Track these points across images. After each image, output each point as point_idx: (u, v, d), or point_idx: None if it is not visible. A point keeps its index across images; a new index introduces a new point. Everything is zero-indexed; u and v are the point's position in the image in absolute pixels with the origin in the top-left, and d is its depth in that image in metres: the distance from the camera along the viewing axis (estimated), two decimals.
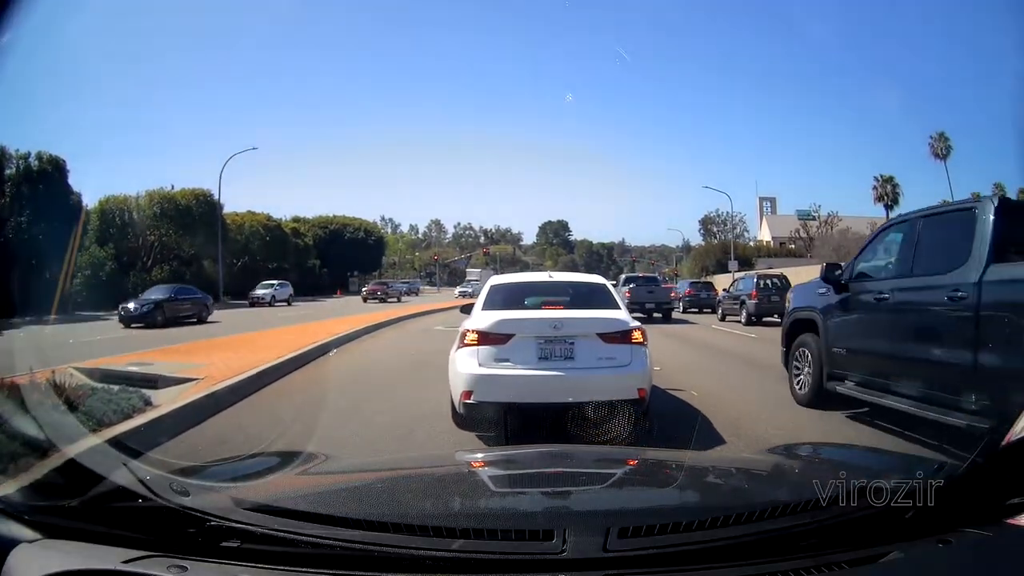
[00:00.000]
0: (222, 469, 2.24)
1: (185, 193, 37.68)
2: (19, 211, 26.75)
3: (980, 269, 4.29)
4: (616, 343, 4.91)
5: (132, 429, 4.66)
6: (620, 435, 4.50)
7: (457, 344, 5.10)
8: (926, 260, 5.06)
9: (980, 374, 4.20)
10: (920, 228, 5.27)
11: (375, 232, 71.19)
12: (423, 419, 5.73)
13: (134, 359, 8.57)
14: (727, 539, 1.36)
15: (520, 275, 8.34)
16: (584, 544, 1.32)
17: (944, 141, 55.95)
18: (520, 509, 1.78)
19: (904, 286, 5.19)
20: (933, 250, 5.04)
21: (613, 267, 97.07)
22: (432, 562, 1.28)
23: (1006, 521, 1.42)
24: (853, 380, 5.69)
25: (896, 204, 55.86)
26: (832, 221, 59.63)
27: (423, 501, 1.78)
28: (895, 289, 5.29)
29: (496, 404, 4.76)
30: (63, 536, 1.37)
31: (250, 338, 12.54)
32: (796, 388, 6.61)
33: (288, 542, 1.32)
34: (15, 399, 3.15)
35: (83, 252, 29.85)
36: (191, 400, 5.83)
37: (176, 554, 1.31)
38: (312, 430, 5.35)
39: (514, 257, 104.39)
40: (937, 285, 4.69)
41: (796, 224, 63.29)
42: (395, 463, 3.00)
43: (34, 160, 28.48)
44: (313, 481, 1.99)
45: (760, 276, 21.31)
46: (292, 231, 52.27)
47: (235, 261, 41.42)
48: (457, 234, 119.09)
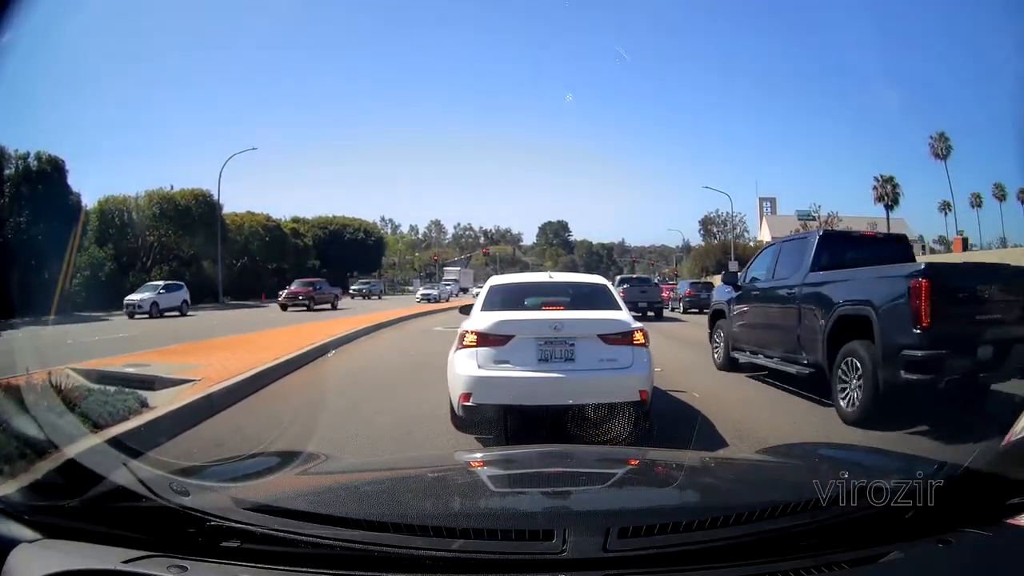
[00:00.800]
0: (222, 469, 2.24)
1: (184, 193, 37.69)
2: (18, 211, 26.75)
3: (804, 275, 6.93)
4: (617, 344, 4.89)
5: (127, 431, 4.64)
6: (620, 436, 4.50)
7: (456, 345, 5.08)
8: (781, 269, 7.65)
9: (802, 340, 6.82)
10: (781, 248, 8.09)
11: (375, 232, 71.18)
12: (422, 420, 5.73)
13: (131, 360, 8.56)
14: (727, 539, 1.36)
15: (520, 275, 8.33)
16: (584, 544, 1.31)
17: (944, 141, 56.05)
18: (520, 509, 1.78)
19: (769, 286, 7.86)
20: (786, 263, 7.61)
21: (613, 267, 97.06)
22: (432, 562, 1.28)
23: (1006, 521, 1.42)
24: (746, 349, 8.31)
25: (896, 204, 56.02)
26: (832, 221, 59.60)
27: (423, 501, 1.78)
28: (764, 288, 7.98)
29: (495, 406, 4.74)
30: (63, 536, 1.37)
31: (249, 339, 12.53)
32: (715, 358, 9.34)
33: (288, 542, 1.32)
34: (15, 399, 3.14)
35: (82, 252, 29.85)
36: (188, 401, 5.82)
37: (176, 554, 1.31)
38: (311, 431, 5.34)
39: (514, 257, 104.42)
40: (784, 285, 7.37)
41: (796, 224, 63.17)
42: (395, 463, 3.00)
43: (33, 160, 28.49)
44: (313, 481, 1.99)
45: None
46: (292, 231, 52.29)
47: (235, 262, 41.41)
48: (457, 234, 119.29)
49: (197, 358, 8.90)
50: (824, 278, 6.69)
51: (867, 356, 5.64)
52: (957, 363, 5.30)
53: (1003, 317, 5.59)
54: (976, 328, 5.48)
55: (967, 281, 5.83)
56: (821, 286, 6.63)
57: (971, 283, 5.75)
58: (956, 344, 5.30)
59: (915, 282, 5.33)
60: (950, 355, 5.25)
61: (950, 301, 5.43)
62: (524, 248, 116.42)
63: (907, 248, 7.80)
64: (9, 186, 27.32)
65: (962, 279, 5.91)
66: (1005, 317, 5.60)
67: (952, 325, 5.35)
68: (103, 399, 5.08)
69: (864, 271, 6.37)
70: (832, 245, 7.25)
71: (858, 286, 6.17)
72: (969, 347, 5.36)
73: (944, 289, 5.40)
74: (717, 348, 9.28)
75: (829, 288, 6.52)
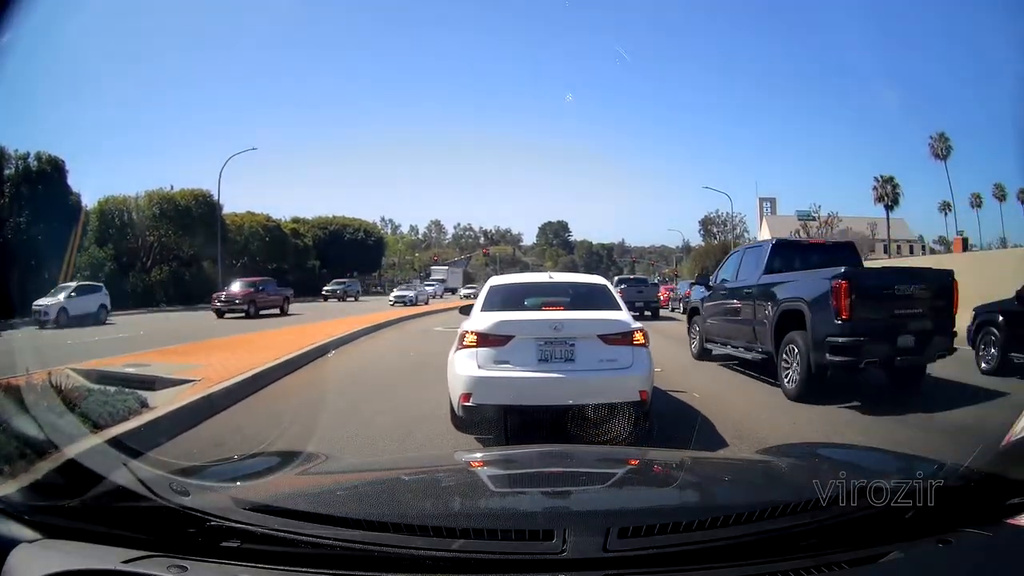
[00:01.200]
0: (222, 469, 2.24)
1: (184, 193, 37.67)
2: (18, 211, 26.75)
3: (759, 277, 8.17)
4: (617, 344, 4.89)
5: (127, 431, 4.64)
6: (620, 436, 4.50)
7: (456, 346, 5.08)
8: (743, 272, 8.91)
9: (756, 332, 8.05)
10: (744, 253, 9.45)
11: (375, 233, 71.15)
12: (422, 420, 5.73)
13: (131, 360, 8.56)
14: (727, 539, 1.36)
15: (520, 276, 8.33)
16: (584, 544, 1.31)
17: (944, 141, 56.07)
18: (520, 509, 1.78)
19: (733, 286, 9.07)
20: (747, 266, 8.87)
21: (613, 268, 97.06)
22: (432, 562, 1.28)
23: (1006, 521, 1.42)
24: (716, 341, 9.52)
25: (896, 204, 56.04)
26: (832, 221, 59.58)
27: (423, 501, 1.78)
28: (729, 288, 9.18)
29: (495, 406, 4.74)
30: (63, 536, 1.37)
31: (248, 339, 12.54)
32: (692, 349, 10.74)
33: (288, 542, 1.32)
34: (15, 399, 3.14)
35: (82, 252, 29.82)
36: (188, 401, 5.82)
37: (176, 554, 1.31)
38: (311, 431, 5.34)
39: (514, 258, 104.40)
40: (744, 286, 8.61)
41: (796, 225, 63.18)
42: (395, 463, 3.00)
43: (33, 160, 28.50)
44: (313, 481, 1.99)
45: None
46: (292, 231, 52.26)
47: (235, 262, 41.36)
48: (457, 235, 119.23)
49: (197, 358, 8.90)
50: (773, 279, 7.96)
51: (802, 343, 6.80)
52: (874, 348, 6.47)
53: (923, 311, 6.73)
54: (895, 320, 6.60)
55: (883, 282, 6.94)
56: (771, 286, 7.88)
57: (887, 283, 6.85)
58: (873, 333, 6.48)
59: (836, 283, 6.48)
60: (867, 342, 6.43)
61: (867, 298, 6.53)
62: (524, 248, 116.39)
63: (854, 253, 8.85)
64: (9, 186, 27.32)
65: (878, 280, 7.02)
66: (925, 311, 6.74)
67: (869, 317, 6.51)
68: (103, 399, 5.07)
69: (802, 274, 7.63)
70: (783, 251, 8.65)
71: (796, 286, 7.37)
72: (888, 336, 6.52)
73: (861, 288, 6.51)
74: (693, 341, 10.73)
75: (776, 288, 7.74)
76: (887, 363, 6.73)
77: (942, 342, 6.86)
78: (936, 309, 6.84)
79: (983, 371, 8.65)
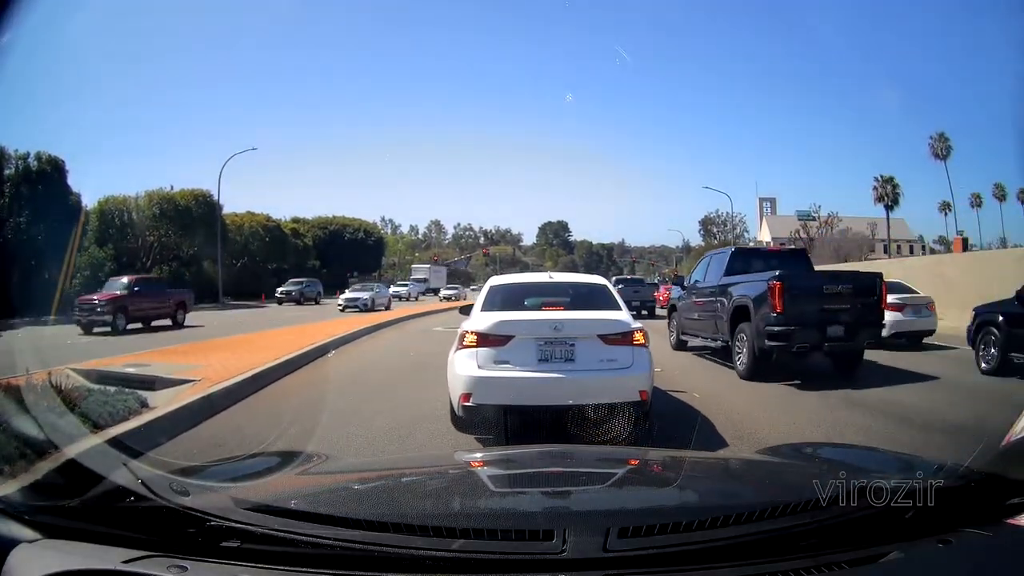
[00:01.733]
0: (222, 469, 2.24)
1: (184, 193, 37.65)
2: (18, 211, 26.73)
3: (720, 278, 9.72)
4: (617, 344, 4.89)
5: (128, 431, 4.65)
6: (620, 436, 4.50)
7: (456, 346, 5.08)
8: (709, 274, 10.51)
9: (718, 324, 9.58)
10: (711, 259, 10.99)
11: (375, 233, 71.18)
12: (422, 420, 5.73)
13: (131, 360, 8.56)
14: (727, 539, 1.36)
15: (520, 276, 8.34)
16: (584, 544, 1.31)
17: (944, 141, 56.10)
18: (520, 509, 1.78)
19: (702, 286, 10.68)
20: (713, 270, 10.40)
21: (613, 268, 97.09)
22: (432, 562, 1.28)
23: (1006, 521, 1.42)
24: (690, 333, 11.13)
25: (896, 204, 56.05)
26: (832, 221, 59.58)
27: (423, 501, 1.78)
28: (699, 288, 10.74)
29: (495, 406, 4.74)
30: (63, 536, 1.37)
31: (248, 339, 12.54)
32: (671, 341, 12.20)
33: (288, 542, 1.32)
34: (15, 399, 3.14)
35: (82, 253, 29.80)
36: (188, 402, 5.82)
37: (176, 554, 1.31)
38: (311, 431, 5.34)
39: (514, 258, 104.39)
40: (710, 285, 10.18)
41: (796, 224, 63.19)
42: (395, 463, 3.00)
43: (33, 160, 28.46)
44: (313, 481, 1.99)
45: None
46: (292, 231, 52.26)
47: (235, 262, 41.38)
48: (457, 235, 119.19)
49: (197, 358, 8.90)
50: (730, 281, 9.53)
51: (748, 332, 8.37)
52: (805, 336, 7.97)
53: (852, 307, 8.24)
54: (825, 313, 8.09)
55: (813, 283, 8.72)
56: (728, 286, 9.44)
57: (817, 284, 8.64)
58: (804, 323, 7.96)
59: (772, 284, 8.05)
60: (798, 330, 7.92)
61: (798, 296, 8.07)
62: (524, 248, 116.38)
63: (805, 259, 10.84)
64: (9, 186, 27.31)
65: (808, 282, 8.76)
66: (854, 306, 8.25)
67: (800, 311, 7.97)
68: (103, 399, 5.08)
69: (750, 276, 9.13)
70: (741, 257, 10.31)
71: (745, 287, 8.89)
72: (818, 326, 8.01)
73: (792, 288, 8.08)
74: (672, 334, 12.34)
75: (731, 288, 9.31)
76: (817, 348, 8.21)
77: (870, 332, 8.48)
78: (865, 305, 8.37)
79: (983, 371, 8.67)
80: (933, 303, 12.63)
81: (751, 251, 12.51)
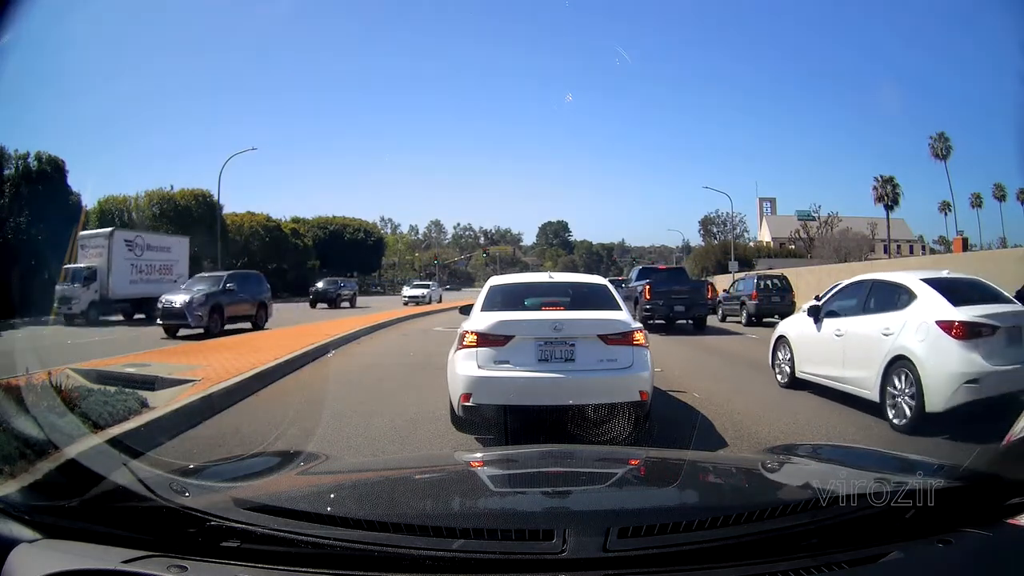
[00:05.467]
0: (222, 469, 2.24)
1: (184, 193, 37.75)
2: (18, 211, 26.76)
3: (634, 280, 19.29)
4: (617, 345, 4.89)
5: (128, 431, 4.65)
6: (620, 436, 4.50)
7: (456, 346, 5.08)
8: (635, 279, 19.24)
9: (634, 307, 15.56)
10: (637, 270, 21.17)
11: (375, 233, 71.26)
12: (423, 420, 5.73)
13: (131, 360, 8.56)
14: (727, 539, 1.36)
15: (520, 276, 8.35)
16: (584, 544, 1.31)
17: (944, 141, 56.13)
18: (520, 509, 1.78)
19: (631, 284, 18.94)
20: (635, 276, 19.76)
21: (613, 268, 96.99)
22: (432, 562, 1.28)
23: (1006, 521, 1.42)
24: (646, 315, 15.67)
25: (896, 204, 56.12)
26: (832, 221, 59.62)
27: (423, 501, 1.78)
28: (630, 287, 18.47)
29: (495, 406, 4.73)
30: (63, 536, 1.37)
31: (248, 339, 12.54)
32: None
33: (288, 542, 1.32)
34: (15, 400, 3.14)
35: None
36: (188, 401, 5.82)
37: (176, 554, 1.31)
38: (311, 431, 5.34)
39: (514, 258, 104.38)
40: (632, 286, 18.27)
41: (796, 224, 63.28)
42: (395, 463, 3.00)
43: (33, 160, 28.50)
44: (313, 481, 1.99)
45: (760, 277, 21.31)
46: (292, 231, 52.32)
47: (235, 262, 41.35)
48: (457, 235, 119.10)
49: (197, 359, 8.90)
50: (636, 283, 17.80)
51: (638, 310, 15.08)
52: (660, 311, 16.04)
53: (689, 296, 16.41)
54: (673, 300, 16.16)
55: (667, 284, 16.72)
56: (636, 287, 17.23)
57: (669, 284, 16.84)
58: (661, 305, 16.05)
59: (644, 285, 16.49)
60: (657, 308, 15.99)
61: (657, 292, 16.15)
62: (524, 248, 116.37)
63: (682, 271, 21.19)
64: (9, 186, 27.33)
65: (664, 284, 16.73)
66: (690, 296, 16.43)
67: (658, 299, 16.07)
68: (103, 399, 5.08)
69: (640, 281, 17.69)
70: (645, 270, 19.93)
71: (635, 286, 17.41)
72: (668, 306, 16.11)
73: (654, 287, 16.27)
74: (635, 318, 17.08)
75: (634, 286, 17.59)
76: (669, 319, 16.30)
77: (699, 309, 16.59)
78: (698, 296, 16.63)
79: None
80: None
81: (650, 268, 21.51)
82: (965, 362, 5.21)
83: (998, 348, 5.30)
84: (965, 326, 5.30)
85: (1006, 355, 5.30)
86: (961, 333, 5.29)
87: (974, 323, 5.33)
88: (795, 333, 7.51)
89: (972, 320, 5.34)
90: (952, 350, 5.28)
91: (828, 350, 6.71)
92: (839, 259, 45.64)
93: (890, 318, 5.95)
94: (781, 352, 7.76)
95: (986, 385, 5.15)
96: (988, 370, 5.18)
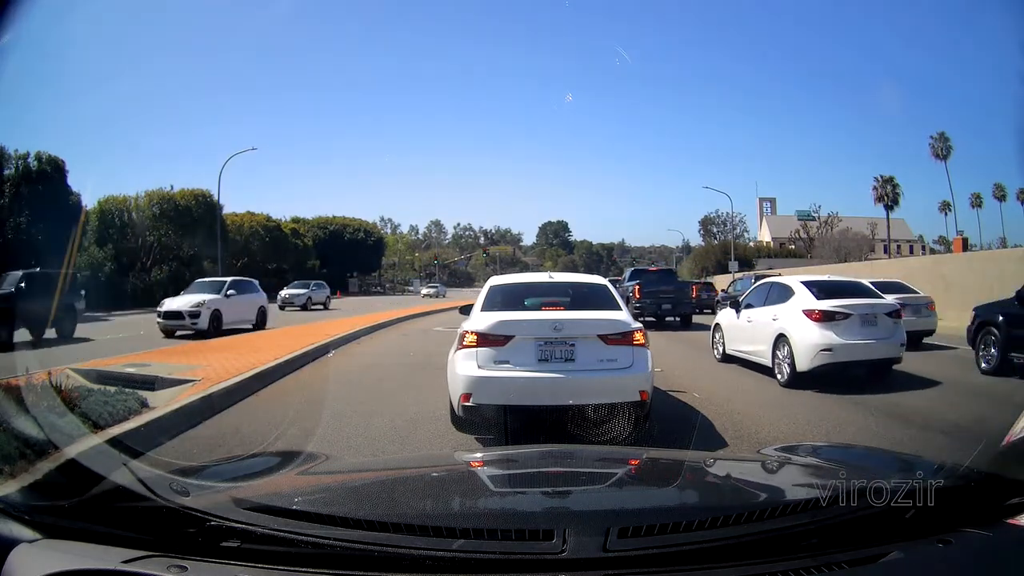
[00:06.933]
0: (222, 469, 2.24)
1: (184, 193, 37.70)
2: (18, 211, 26.79)
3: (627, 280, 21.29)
4: (617, 344, 4.89)
5: (128, 431, 4.64)
6: (620, 436, 4.50)
7: (456, 345, 5.08)
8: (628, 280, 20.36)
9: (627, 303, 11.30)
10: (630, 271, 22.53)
11: (375, 233, 71.28)
12: (423, 420, 5.73)
13: (131, 360, 8.56)
14: (727, 539, 1.36)
15: (520, 276, 8.34)
16: (584, 544, 1.31)
17: (944, 141, 56.17)
18: (520, 509, 1.78)
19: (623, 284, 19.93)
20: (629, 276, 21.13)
21: (613, 268, 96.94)
22: (432, 562, 1.28)
23: (1006, 521, 1.42)
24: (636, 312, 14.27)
25: (896, 204, 56.11)
26: (832, 221, 59.62)
27: (423, 501, 1.78)
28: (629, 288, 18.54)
29: (495, 406, 4.73)
30: (63, 536, 1.37)
31: (248, 339, 12.54)
32: None
33: (288, 542, 1.32)
34: (15, 399, 3.14)
35: (82, 253, 29.84)
36: (188, 401, 5.82)
37: (176, 554, 1.31)
38: (311, 431, 5.34)
39: (514, 258, 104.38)
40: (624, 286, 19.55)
41: (796, 224, 63.27)
42: (395, 463, 3.00)
43: (33, 160, 28.53)
44: (313, 481, 1.99)
45: (759, 277, 21.33)
46: (292, 231, 52.35)
47: (235, 262, 41.43)
48: (457, 235, 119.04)
49: (197, 359, 8.90)
50: (628, 284, 19.03)
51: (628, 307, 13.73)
52: (649, 309, 17.62)
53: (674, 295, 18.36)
54: (661, 298, 17.97)
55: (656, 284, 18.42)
56: (628, 287, 18.40)
57: (657, 284, 18.54)
58: (649, 303, 17.70)
59: (634, 285, 18.27)
60: (646, 306, 17.52)
61: (647, 291, 17.85)
62: (524, 248, 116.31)
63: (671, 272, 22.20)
64: (9, 186, 27.36)
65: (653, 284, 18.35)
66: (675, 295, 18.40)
67: (648, 297, 17.76)
68: (103, 399, 5.08)
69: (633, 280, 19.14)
70: (637, 271, 21.13)
71: (627, 286, 18.69)
72: (656, 304, 17.86)
73: (644, 287, 17.99)
74: None
75: (626, 285, 18.86)
76: (658, 315, 17.83)
77: (684, 307, 18.38)
78: (683, 295, 18.67)
79: (983, 371, 8.68)
80: (933, 303, 12.64)
81: (644, 270, 21.59)
82: (821, 337, 7.54)
83: (852, 328, 7.64)
84: (822, 312, 7.71)
85: (858, 333, 7.63)
86: (818, 317, 7.69)
87: (828, 311, 7.72)
88: (725, 322, 10.05)
89: (827, 308, 7.74)
90: (812, 328, 7.67)
91: (744, 333, 9.24)
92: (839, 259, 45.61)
93: (778, 309, 8.41)
94: (717, 335, 10.31)
95: (838, 352, 7.51)
96: (839, 343, 7.52)
